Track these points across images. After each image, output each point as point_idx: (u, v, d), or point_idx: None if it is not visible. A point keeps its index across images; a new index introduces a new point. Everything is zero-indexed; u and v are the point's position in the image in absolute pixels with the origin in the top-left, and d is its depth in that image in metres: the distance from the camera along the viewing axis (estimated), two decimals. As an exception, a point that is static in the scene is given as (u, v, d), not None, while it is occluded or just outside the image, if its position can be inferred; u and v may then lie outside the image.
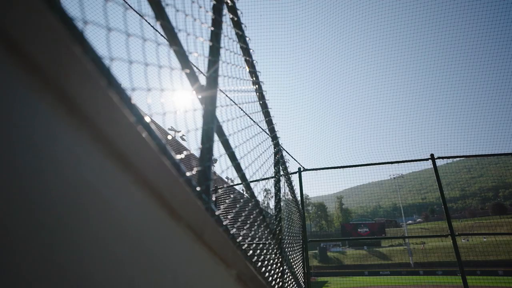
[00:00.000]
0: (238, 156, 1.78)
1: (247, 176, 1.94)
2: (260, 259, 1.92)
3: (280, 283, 2.25)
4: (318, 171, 9.09)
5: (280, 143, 2.87)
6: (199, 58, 1.53)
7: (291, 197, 3.76)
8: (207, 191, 1.27)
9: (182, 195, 0.79)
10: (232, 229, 1.50)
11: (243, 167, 1.85)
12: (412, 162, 8.00)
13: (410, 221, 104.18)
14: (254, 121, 2.19)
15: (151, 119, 0.85)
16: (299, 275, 3.73)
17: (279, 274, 2.25)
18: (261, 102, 2.41)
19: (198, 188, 1.16)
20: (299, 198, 6.53)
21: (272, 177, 2.63)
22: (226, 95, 1.72)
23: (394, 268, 49.69)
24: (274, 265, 2.22)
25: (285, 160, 3.09)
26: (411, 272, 43.97)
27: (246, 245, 1.75)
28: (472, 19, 12.66)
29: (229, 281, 1.08)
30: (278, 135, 2.86)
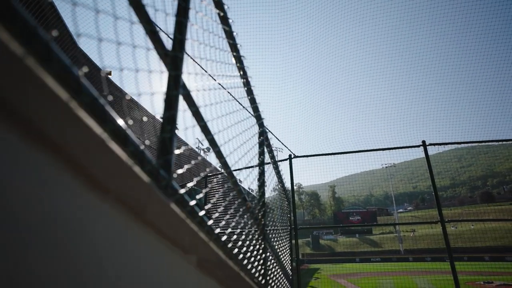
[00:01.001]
0: (213, 131, 1.60)
1: (226, 155, 1.77)
2: (238, 245, 1.77)
3: (262, 270, 2.12)
4: (309, 158, 8.96)
5: (265, 124, 2.70)
6: (164, 19, 1.34)
7: (278, 183, 3.62)
8: (167, 166, 1.10)
9: (109, 163, 0.61)
10: (202, 211, 1.34)
11: (220, 143, 1.68)
12: (404, 151, 7.94)
13: (401, 210, 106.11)
14: (233, 97, 2.00)
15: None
16: (285, 262, 3.62)
17: (261, 261, 2.12)
18: (243, 80, 2.22)
19: (153, 161, 0.99)
20: (289, 186, 6.42)
21: (252, 166, 2.46)
22: (197, 63, 1.53)
23: (385, 255, 50.81)
24: (255, 252, 2.09)
25: (271, 143, 2.92)
26: (401, 259, 45.04)
27: (220, 229, 1.60)
28: (465, 4, 12.48)
29: (188, 268, 0.92)
30: (262, 116, 2.69)
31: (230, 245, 1.59)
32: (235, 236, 1.73)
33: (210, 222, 1.34)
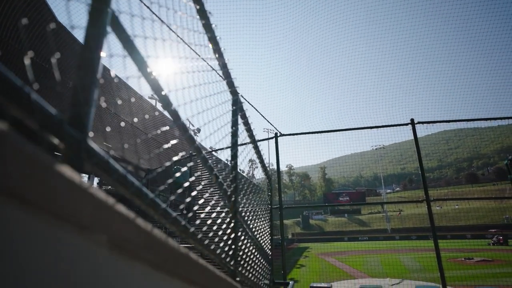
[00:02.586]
0: (169, 88, 1.35)
1: (187, 117, 1.52)
2: (197, 223, 1.57)
3: (231, 251, 1.93)
4: (300, 139, 8.81)
5: (239, 93, 2.44)
6: None
7: (257, 160, 3.39)
8: (80, 122, 0.85)
9: None
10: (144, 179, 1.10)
11: (178, 102, 1.43)
12: (394, 132, 7.79)
13: (389, 190, 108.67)
14: (196, 53, 1.73)
15: None
16: (264, 242, 3.47)
17: (229, 241, 1.93)
18: (209, 35, 1.93)
19: (51, 112, 0.74)
20: (274, 164, 6.24)
21: (227, 148, 2.22)
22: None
23: (372, 234, 52.38)
24: (221, 231, 1.89)
25: (247, 114, 2.67)
26: (388, 238, 46.53)
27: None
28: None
29: (96, 251, 0.70)
30: (236, 84, 2.43)
31: (183, 223, 1.37)
32: (191, 214, 1.51)
33: (151, 195, 1.11)
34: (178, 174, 1.56)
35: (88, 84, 0.91)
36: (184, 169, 1.61)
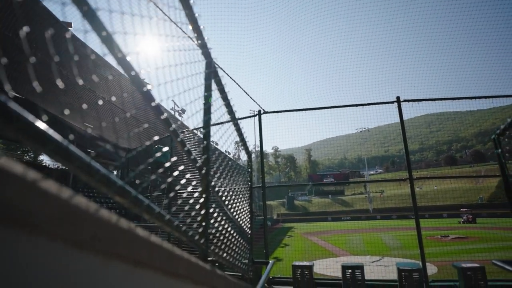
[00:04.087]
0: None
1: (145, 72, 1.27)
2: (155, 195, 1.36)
3: (201, 229, 1.75)
4: (286, 120, 8.56)
5: (213, 57, 2.18)
6: None
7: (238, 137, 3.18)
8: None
9: None
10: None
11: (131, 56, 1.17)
12: (378, 115, 7.69)
13: (372, 172, 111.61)
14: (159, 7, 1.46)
15: None
16: (243, 222, 3.32)
17: (199, 218, 1.74)
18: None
19: None
20: (256, 142, 6.06)
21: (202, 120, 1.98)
22: None
23: (355, 214, 54.00)
24: (188, 206, 1.70)
25: (222, 81, 2.43)
26: (370, 217, 48.15)
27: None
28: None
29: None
30: (210, 46, 2.16)
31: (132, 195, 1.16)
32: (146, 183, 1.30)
33: (87, 159, 0.88)
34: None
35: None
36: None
